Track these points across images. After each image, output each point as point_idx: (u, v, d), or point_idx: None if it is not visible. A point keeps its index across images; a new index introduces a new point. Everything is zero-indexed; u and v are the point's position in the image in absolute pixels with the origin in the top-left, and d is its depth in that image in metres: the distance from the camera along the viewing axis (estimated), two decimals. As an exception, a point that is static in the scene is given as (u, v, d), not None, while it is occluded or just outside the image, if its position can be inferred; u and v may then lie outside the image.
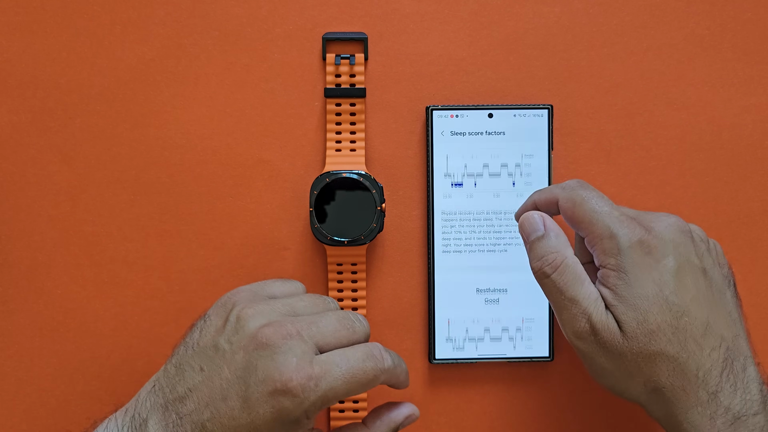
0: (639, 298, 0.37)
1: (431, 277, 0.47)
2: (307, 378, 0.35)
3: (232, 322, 0.38)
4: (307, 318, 0.38)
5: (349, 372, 0.36)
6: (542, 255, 0.39)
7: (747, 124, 0.48)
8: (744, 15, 0.48)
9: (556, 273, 0.38)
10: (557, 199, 0.40)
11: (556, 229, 0.40)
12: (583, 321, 0.37)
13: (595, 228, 0.38)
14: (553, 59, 0.47)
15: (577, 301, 0.37)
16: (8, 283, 0.47)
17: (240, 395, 0.35)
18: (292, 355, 0.36)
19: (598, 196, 0.39)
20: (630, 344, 0.37)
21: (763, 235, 0.48)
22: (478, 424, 0.48)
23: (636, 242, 0.37)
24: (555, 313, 0.39)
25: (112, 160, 0.47)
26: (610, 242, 0.38)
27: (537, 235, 0.39)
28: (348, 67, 0.47)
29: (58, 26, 0.47)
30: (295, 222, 0.47)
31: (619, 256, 0.37)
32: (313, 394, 0.35)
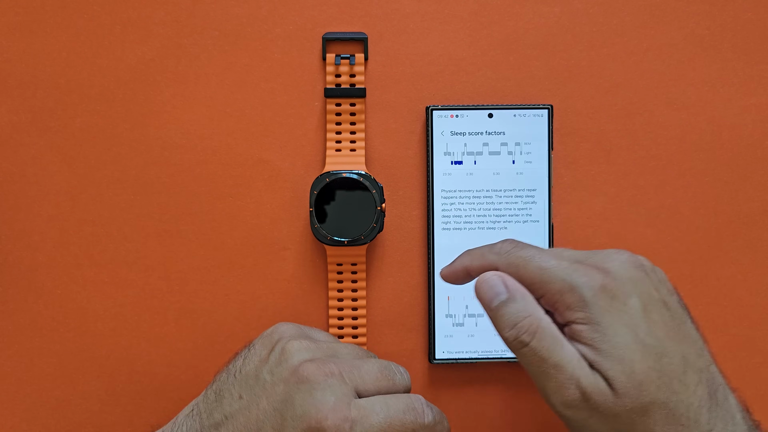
0: (620, 348, 0.34)
1: (431, 277, 0.47)
2: (343, 419, 0.35)
3: (277, 354, 0.38)
4: (349, 361, 0.38)
5: (386, 421, 0.35)
6: (515, 322, 0.35)
7: (747, 124, 0.48)
8: (744, 15, 0.48)
9: (535, 339, 0.35)
10: (495, 266, 0.37)
11: (521, 290, 0.36)
12: (572, 388, 0.34)
13: (550, 285, 0.35)
14: (553, 59, 0.47)
15: (561, 366, 0.34)
16: (8, 283, 0.47)
17: (275, 428, 0.35)
18: (331, 394, 0.35)
19: (539, 251, 0.37)
20: (623, 401, 0.34)
21: (763, 235, 0.48)
22: (478, 424, 0.48)
23: (598, 288, 0.35)
24: (537, 384, 0.36)
25: (112, 160, 0.47)
26: (572, 295, 0.35)
27: (500, 299, 0.36)
28: (348, 67, 0.47)
29: (58, 26, 0.47)
30: (295, 222, 0.47)
31: (586, 308, 0.34)
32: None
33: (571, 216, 0.48)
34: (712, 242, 0.48)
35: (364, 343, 0.47)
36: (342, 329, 0.47)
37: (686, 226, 0.48)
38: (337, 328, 0.47)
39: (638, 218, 0.48)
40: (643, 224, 0.48)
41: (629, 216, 0.48)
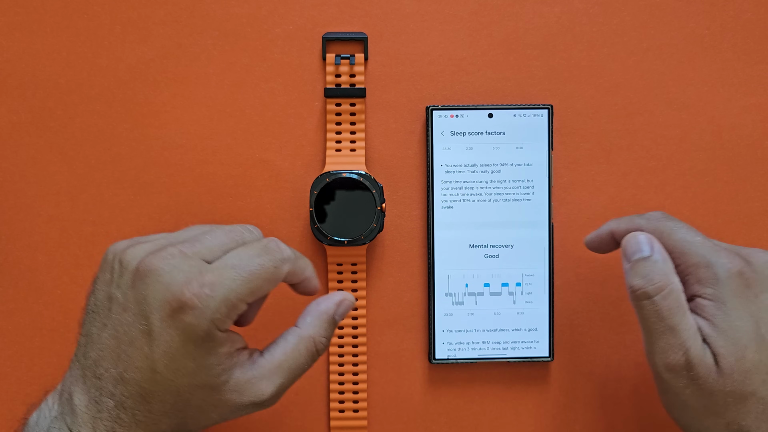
0: (738, 331, 0.35)
1: (431, 277, 0.47)
2: (200, 286, 0.33)
3: (117, 269, 0.36)
4: (189, 239, 0.36)
5: (245, 270, 0.34)
6: (646, 274, 0.36)
7: (747, 124, 0.48)
8: (744, 15, 0.48)
9: (660, 296, 0.36)
10: (641, 229, 0.38)
11: (664, 253, 0.37)
12: (679, 353, 0.35)
13: (688, 257, 0.36)
14: (553, 59, 0.47)
15: (677, 330, 0.35)
16: (8, 283, 0.47)
17: (143, 331, 0.34)
18: (178, 272, 0.34)
19: (687, 227, 0.38)
20: (724, 382, 0.34)
21: (763, 235, 0.48)
22: (478, 424, 0.48)
23: (735, 273, 0.35)
24: (645, 339, 0.37)
25: (112, 160, 0.47)
26: (707, 271, 0.36)
27: (642, 254, 0.37)
28: (348, 67, 0.47)
29: (58, 26, 0.47)
30: (295, 222, 0.47)
31: (716, 285, 0.35)
32: (212, 301, 0.33)
33: (571, 216, 0.48)
34: (712, 242, 0.48)
35: (364, 343, 0.47)
36: (342, 329, 0.47)
37: (686, 226, 0.48)
38: (337, 328, 0.47)
39: (638, 218, 0.48)
40: (643, 224, 0.48)
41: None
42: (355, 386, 0.47)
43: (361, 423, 0.47)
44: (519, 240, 0.47)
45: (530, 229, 0.47)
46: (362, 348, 0.47)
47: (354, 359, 0.47)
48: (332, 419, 0.47)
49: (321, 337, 0.38)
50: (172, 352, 0.34)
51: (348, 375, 0.47)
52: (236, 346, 0.35)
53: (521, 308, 0.47)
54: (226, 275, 0.34)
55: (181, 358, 0.34)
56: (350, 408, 0.47)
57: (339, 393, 0.47)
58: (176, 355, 0.34)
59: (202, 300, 0.33)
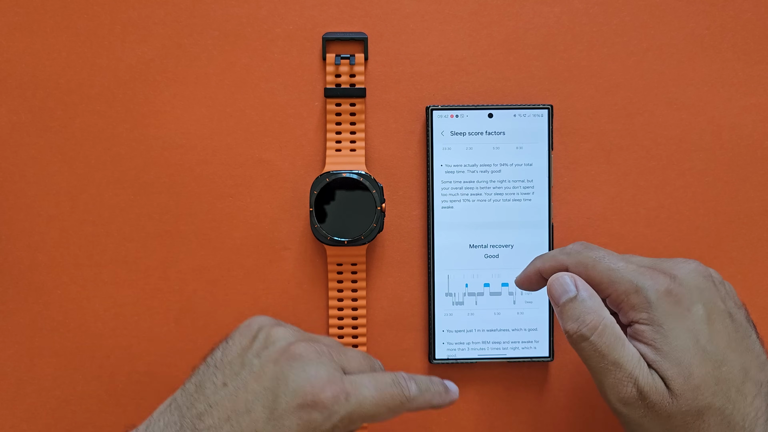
0: (679, 350, 0.35)
1: (431, 277, 0.47)
2: (340, 391, 0.35)
3: (261, 340, 0.38)
4: (333, 344, 0.39)
5: (377, 392, 0.36)
6: (577, 316, 0.36)
7: (747, 124, 0.48)
8: (744, 15, 0.48)
9: (596, 334, 0.36)
10: (565, 266, 0.38)
11: (589, 290, 0.37)
12: (629, 386, 0.35)
13: (617, 286, 0.37)
14: (553, 59, 0.47)
15: (620, 364, 0.35)
16: (8, 283, 0.47)
17: (267, 406, 0.35)
18: (324, 370, 0.36)
19: (608, 254, 0.38)
20: (678, 403, 0.35)
21: (763, 235, 0.48)
22: (478, 424, 0.48)
23: (663, 292, 0.36)
24: (594, 379, 0.37)
25: (112, 160, 0.47)
26: (637, 296, 0.36)
27: (569, 296, 0.37)
28: (348, 67, 0.47)
29: (58, 26, 0.47)
30: (295, 222, 0.47)
31: (649, 309, 0.36)
32: (343, 409, 0.35)
33: (571, 216, 0.48)
34: (712, 242, 0.48)
35: (364, 343, 0.47)
36: (342, 329, 0.47)
37: (686, 226, 0.48)
38: (337, 328, 0.47)
39: (638, 218, 0.48)
40: (643, 224, 0.48)
41: (629, 216, 0.48)
42: (355, 386, 0.47)
43: (361, 423, 0.47)
44: (519, 240, 0.47)
45: (530, 229, 0.47)
46: (362, 348, 0.47)
47: (354, 359, 0.47)
48: None
49: None
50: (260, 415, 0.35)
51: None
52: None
53: (521, 308, 0.47)
54: (362, 391, 0.36)
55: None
56: None
57: (339, 393, 0.47)
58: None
59: (335, 404, 0.35)
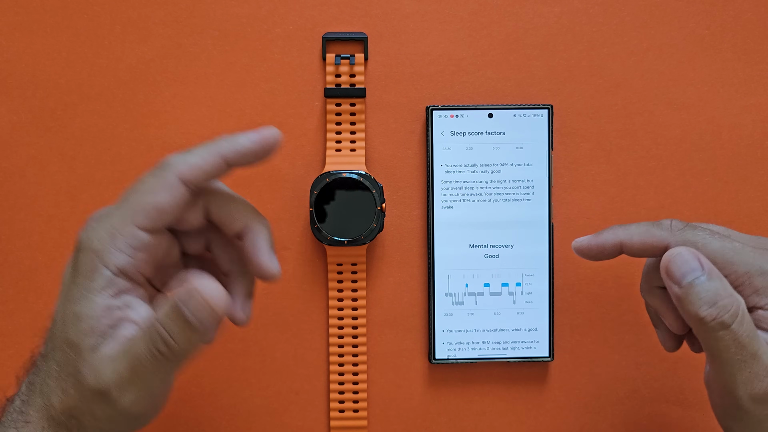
0: None
1: (431, 277, 0.47)
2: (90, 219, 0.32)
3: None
4: None
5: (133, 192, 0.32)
6: (714, 300, 0.32)
7: (747, 124, 0.48)
8: (744, 15, 0.48)
9: (737, 323, 0.32)
10: (665, 243, 0.34)
11: (716, 270, 0.33)
12: (766, 380, 0.32)
13: (736, 267, 0.33)
14: (553, 59, 0.47)
15: (759, 356, 0.32)
16: (8, 283, 0.47)
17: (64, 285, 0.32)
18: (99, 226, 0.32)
19: (712, 231, 0.34)
20: None
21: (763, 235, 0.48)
22: (478, 424, 0.48)
23: None
24: (722, 369, 0.33)
25: (112, 160, 0.47)
26: (763, 279, 0.33)
27: (696, 275, 0.33)
28: (348, 67, 0.47)
29: (58, 26, 0.47)
30: (295, 222, 0.47)
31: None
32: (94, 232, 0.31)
33: (571, 216, 0.48)
34: (712, 242, 0.48)
35: (364, 343, 0.47)
36: (342, 329, 0.47)
37: (686, 226, 0.48)
38: (337, 328, 0.47)
39: (638, 218, 0.48)
40: (643, 224, 0.48)
41: (629, 216, 0.48)
42: (355, 386, 0.47)
43: (361, 423, 0.47)
44: (519, 240, 0.47)
45: (530, 229, 0.47)
46: (362, 348, 0.47)
47: (354, 359, 0.47)
48: (332, 419, 0.47)
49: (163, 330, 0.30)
50: (65, 293, 0.32)
51: (348, 375, 0.47)
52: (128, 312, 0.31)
53: (521, 308, 0.47)
54: (121, 205, 0.32)
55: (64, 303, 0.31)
56: (350, 408, 0.47)
57: (339, 393, 0.47)
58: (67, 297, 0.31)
59: (86, 232, 0.31)
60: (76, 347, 0.31)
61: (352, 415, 0.47)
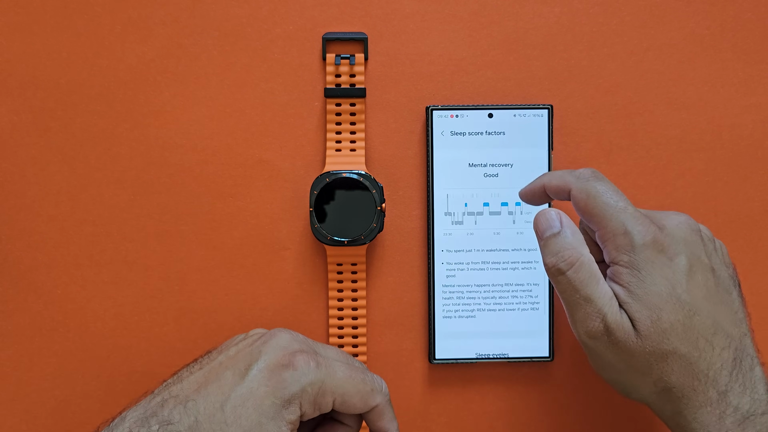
0: (653, 295, 0.36)
1: (431, 277, 0.47)
2: (311, 357, 0.36)
3: (241, 336, 0.39)
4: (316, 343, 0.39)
5: (348, 373, 0.37)
6: (557, 251, 0.38)
7: (747, 124, 0.48)
8: (744, 15, 0.48)
9: (572, 270, 0.37)
10: (569, 188, 0.39)
11: (573, 227, 0.39)
12: (597, 320, 0.37)
13: (608, 223, 0.38)
14: (553, 59, 0.47)
15: (591, 299, 0.37)
16: (8, 283, 0.47)
17: (237, 374, 0.35)
18: (297, 344, 0.37)
19: (613, 190, 0.39)
20: (643, 343, 0.36)
21: (763, 235, 0.48)
22: (478, 424, 0.48)
23: (650, 240, 0.37)
24: (566, 311, 0.39)
25: (112, 160, 0.47)
26: (624, 239, 0.37)
27: (552, 231, 0.39)
28: (348, 67, 0.47)
29: (58, 26, 0.47)
30: (295, 222, 0.47)
31: (632, 253, 0.37)
32: (312, 374, 0.35)
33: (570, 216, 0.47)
34: (712, 242, 0.48)
35: (364, 343, 0.47)
36: (342, 329, 0.47)
37: (686, 226, 0.48)
38: (337, 328, 0.47)
39: (638, 218, 0.48)
40: (643, 224, 0.48)
41: (629, 216, 0.48)
42: (355, 386, 0.47)
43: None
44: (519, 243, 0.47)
45: (530, 229, 0.47)
46: (362, 348, 0.47)
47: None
48: None
49: None
50: (249, 398, 0.35)
51: (348, 375, 0.47)
52: (296, 423, 0.36)
53: (522, 309, 0.47)
54: (332, 366, 0.37)
55: (252, 407, 0.34)
56: None
57: (339, 393, 0.47)
58: (249, 402, 0.34)
59: (305, 367, 0.35)
60: None
61: None
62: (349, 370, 0.37)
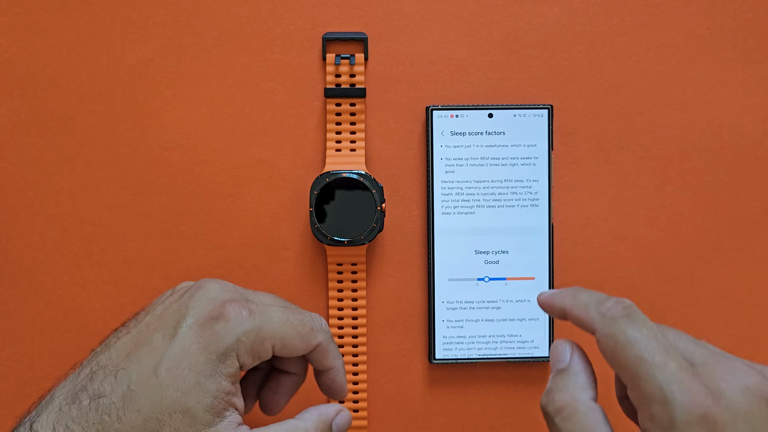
0: None
1: (431, 277, 0.47)
2: (242, 306, 0.34)
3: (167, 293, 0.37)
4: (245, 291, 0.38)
5: (284, 317, 0.35)
6: (549, 390, 0.32)
7: (747, 124, 0.48)
8: (744, 15, 0.48)
9: (559, 418, 0.31)
10: (593, 329, 0.32)
11: (581, 366, 0.33)
12: None
13: (642, 384, 0.29)
14: (553, 59, 0.47)
15: None
16: (8, 283, 0.47)
17: (167, 334, 0.34)
18: (227, 293, 0.35)
19: (651, 335, 0.30)
20: None
21: (763, 235, 0.48)
22: (478, 424, 0.48)
23: (698, 417, 0.28)
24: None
25: (112, 160, 0.47)
26: (661, 409, 0.28)
27: (558, 367, 0.33)
28: (348, 67, 0.47)
29: (58, 26, 0.47)
30: (295, 222, 0.47)
31: (671, 430, 0.28)
32: (246, 323, 0.34)
33: (571, 216, 0.48)
34: (712, 242, 0.48)
35: (364, 343, 0.47)
36: (342, 329, 0.47)
37: (686, 226, 0.48)
38: (337, 328, 0.47)
39: (638, 218, 0.48)
40: (643, 224, 0.48)
41: (629, 216, 0.48)
42: (355, 386, 0.47)
43: (361, 423, 0.47)
44: (519, 240, 0.47)
45: (530, 229, 0.47)
46: (362, 348, 0.47)
47: (354, 359, 0.47)
48: (332, 419, 0.47)
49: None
50: (183, 357, 0.33)
51: (348, 375, 0.47)
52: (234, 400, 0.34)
53: (521, 307, 0.47)
54: (267, 311, 0.35)
55: (187, 367, 0.33)
56: (350, 408, 0.47)
57: (339, 393, 0.47)
58: (184, 362, 0.33)
59: (237, 317, 0.34)
60: (193, 418, 0.33)
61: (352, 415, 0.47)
62: (286, 313, 0.36)
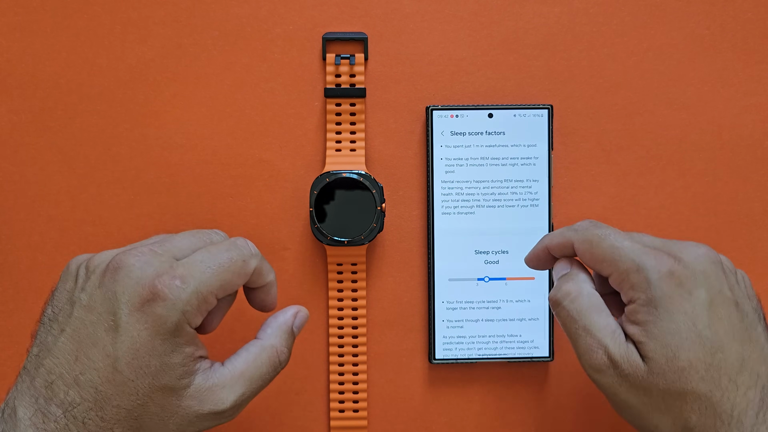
0: (670, 333, 0.34)
1: (431, 277, 0.47)
2: (171, 278, 0.34)
3: (81, 275, 0.35)
4: (158, 240, 0.37)
5: (214, 263, 0.35)
6: (559, 286, 0.38)
7: (747, 124, 0.48)
8: (744, 15, 0.48)
9: (568, 300, 0.37)
10: (571, 242, 0.38)
11: (581, 268, 0.39)
12: (599, 352, 0.35)
13: (619, 264, 0.36)
14: (553, 59, 0.47)
15: (590, 330, 0.36)
16: (8, 283, 0.47)
17: (109, 328, 0.33)
18: (149, 266, 0.34)
19: (615, 232, 0.37)
20: (656, 380, 0.34)
21: (763, 235, 0.48)
22: (478, 424, 0.48)
23: (665, 273, 0.35)
24: (573, 346, 0.37)
25: (112, 160, 0.47)
26: (638, 275, 0.35)
27: (562, 273, 0.39)
28: (348, 67, 0.47)
29: (58, 26, 0.47)
30: (295, 222, 0.47)
31: (648, 289, 0.35)
32: (183, 293, 0.33)
33: (571, 216, 0.48)
34: (712, 242, 0.48)
35: (364, 343, 0.47)
36: (342, 329, 0.47)
37: (686, 226, 0.48)
38: (337, 328, 0.47)
39: (638, 218, 0.48)
40: (643, 224, 0.48)
41: (629, 216, 0.48)
42: (355, 386, 0.47)
43: (361, 423, 0.47)
44: (519, 240, 0.47)
45: (530, 230, 0.47)
46: (362, 348, 0.47)
47: (354, 359, 0.47)
48: (332, 419, 0.47)
49: (282, 347, 0.38)
50: (138, 347, 0.33)
51: (348, 375, 0.47)
52: (199, 353, 0.35)
53: (521, 307, 0.47)
54: (197, 268, 0.35)
55: (146, 354, 0.33)
56: (350, 408, 0.47)
57: (339, 393, 0.47)
58: (141, 351, 0.33)
59: (173, 291, 0.33)
60: (171, 389, 0.34)
61: (352, 415, 0.47)
62: (214, 258, 0.35)
